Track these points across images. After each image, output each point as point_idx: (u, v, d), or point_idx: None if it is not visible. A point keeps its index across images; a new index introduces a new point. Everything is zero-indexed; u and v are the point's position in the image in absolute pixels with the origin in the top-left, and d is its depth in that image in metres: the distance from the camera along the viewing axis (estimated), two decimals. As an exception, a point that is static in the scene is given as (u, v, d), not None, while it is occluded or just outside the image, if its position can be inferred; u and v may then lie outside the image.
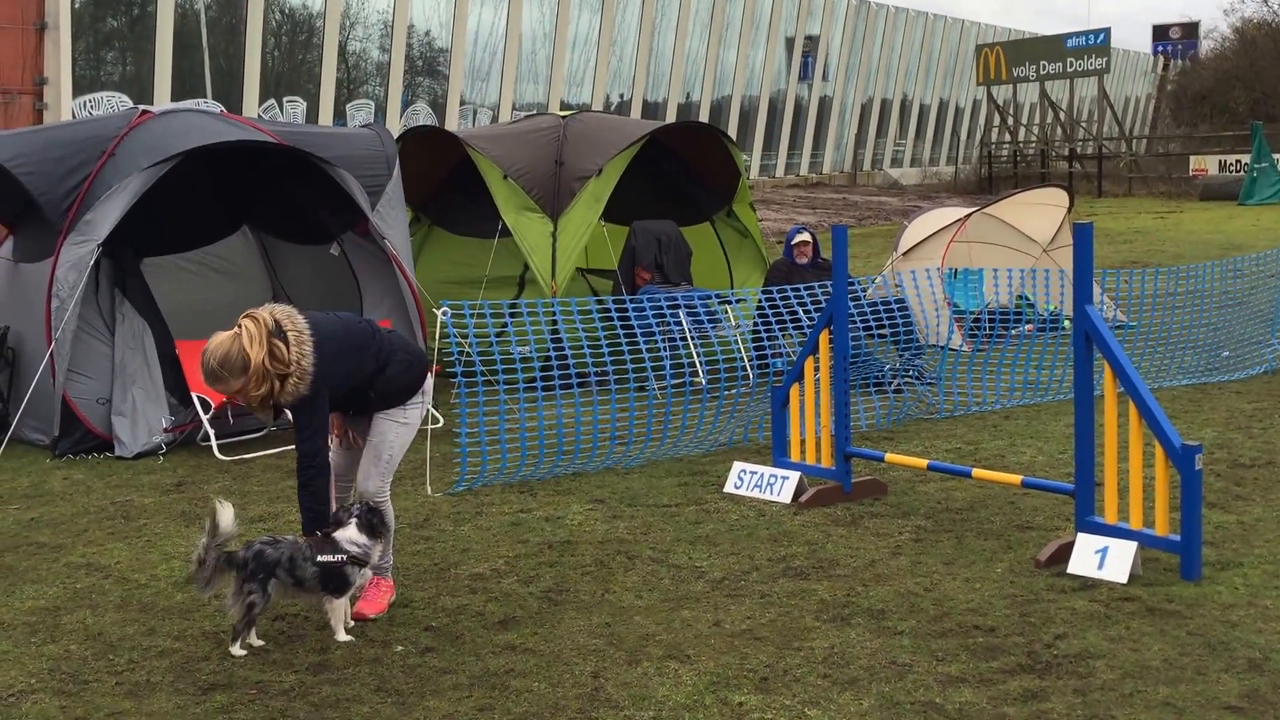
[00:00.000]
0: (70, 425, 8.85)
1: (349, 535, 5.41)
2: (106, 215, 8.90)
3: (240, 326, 5.27)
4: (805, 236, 11.81)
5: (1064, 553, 5.99)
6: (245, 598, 5.24)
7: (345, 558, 5.35)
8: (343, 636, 5.38)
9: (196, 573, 5.25)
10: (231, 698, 4.83)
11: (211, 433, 8.84)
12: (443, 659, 5.15)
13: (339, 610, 5.40)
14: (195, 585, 5.32)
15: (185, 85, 24.75)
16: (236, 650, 5.25)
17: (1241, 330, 11.56)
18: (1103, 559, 5.83)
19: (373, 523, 5.45)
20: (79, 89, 23.21)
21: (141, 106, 10.30)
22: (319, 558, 5.32)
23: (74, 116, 22.07)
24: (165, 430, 8.90)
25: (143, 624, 5.63)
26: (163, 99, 23.66)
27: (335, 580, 5.35)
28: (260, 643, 5.33)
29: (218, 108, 21.90)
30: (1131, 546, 5.82)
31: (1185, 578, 5.75)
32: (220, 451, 8.77)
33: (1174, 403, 9.58)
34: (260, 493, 7.87)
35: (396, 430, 5.66)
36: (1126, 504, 6.02)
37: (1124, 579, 5.73)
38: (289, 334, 5.29)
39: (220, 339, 5.25)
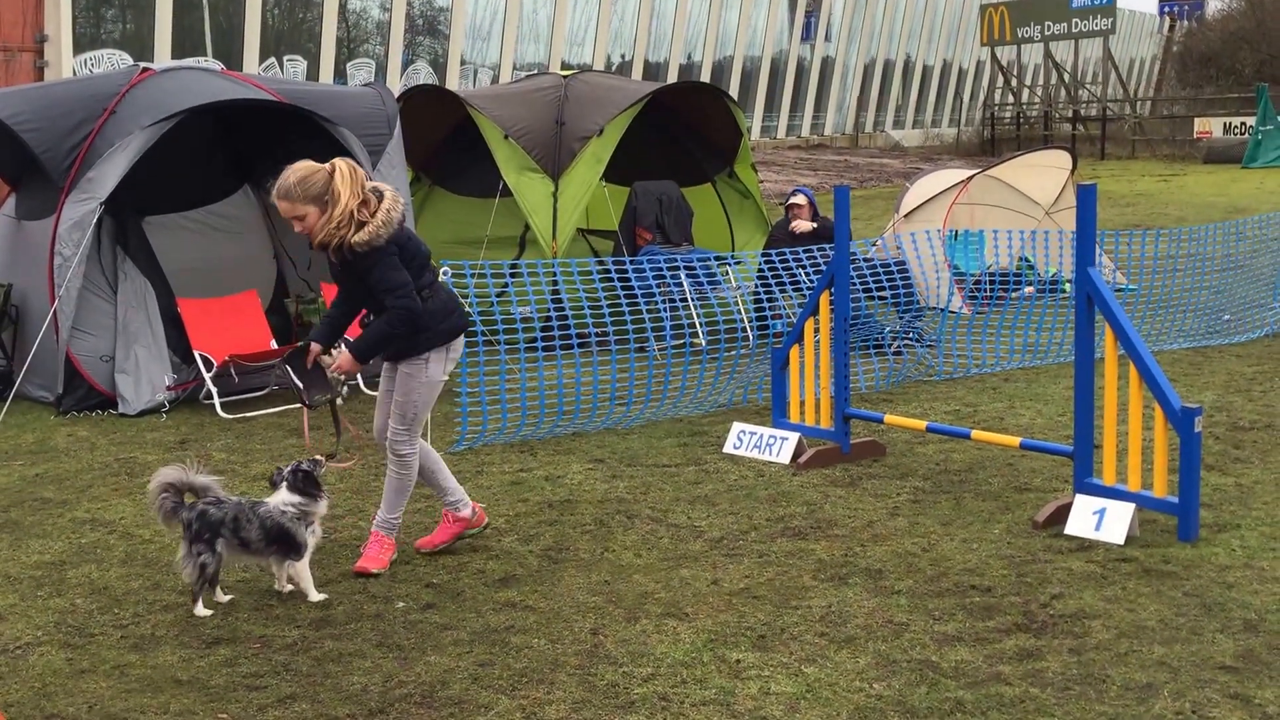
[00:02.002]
0: (74, 383, 8.90)
1: (282, 498, 5.42)
2: (109, 173, 8.90)
3: (334, 165, 5.35)
4: (799, 199, 11.80)
5: (1062, 514, 6.04)
6: (196, 559, 5.26)
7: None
8: (315, 596, 5.40)
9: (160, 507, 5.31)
10: (235, 651, 4.90)
11: (214, 391, 8.88)
12: (444, 615, 5.20)
13: (302, 573, 5.41)
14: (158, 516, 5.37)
15: (185, 43, 24.59)
16: (200, 610, 5.27)
17: (1243, 294, 11.57)
18: (1100, 520, 5.87)
19: (302, 483, 5.45)
20: (79, 47, 23.07)
21: (142, 64, 10.27)
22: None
23: (75, 74, 21.97)
24: (168, 388, 8.95)
25: (147, 579, 5.70)
26: (163, 57, 23.51)
27: (283, 542, 5.35)
28: (228, 597, 5.37)
29: (218, 66, 21.77)
30: (1129, 508, 5.86)
31: (1182, 539, 5.80)
32: (223, 409, 8.81)
33: (1174, 366, 9.60)
34: (263, 450, 7.91)
35: (419, 388, 5.62)
36: (1125, 466, 6.05)
37: (1121, 540, 5.78)
38: (385, 193, 5.41)
39: (308, 165, 5.35)
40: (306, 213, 5.34)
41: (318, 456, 5.63)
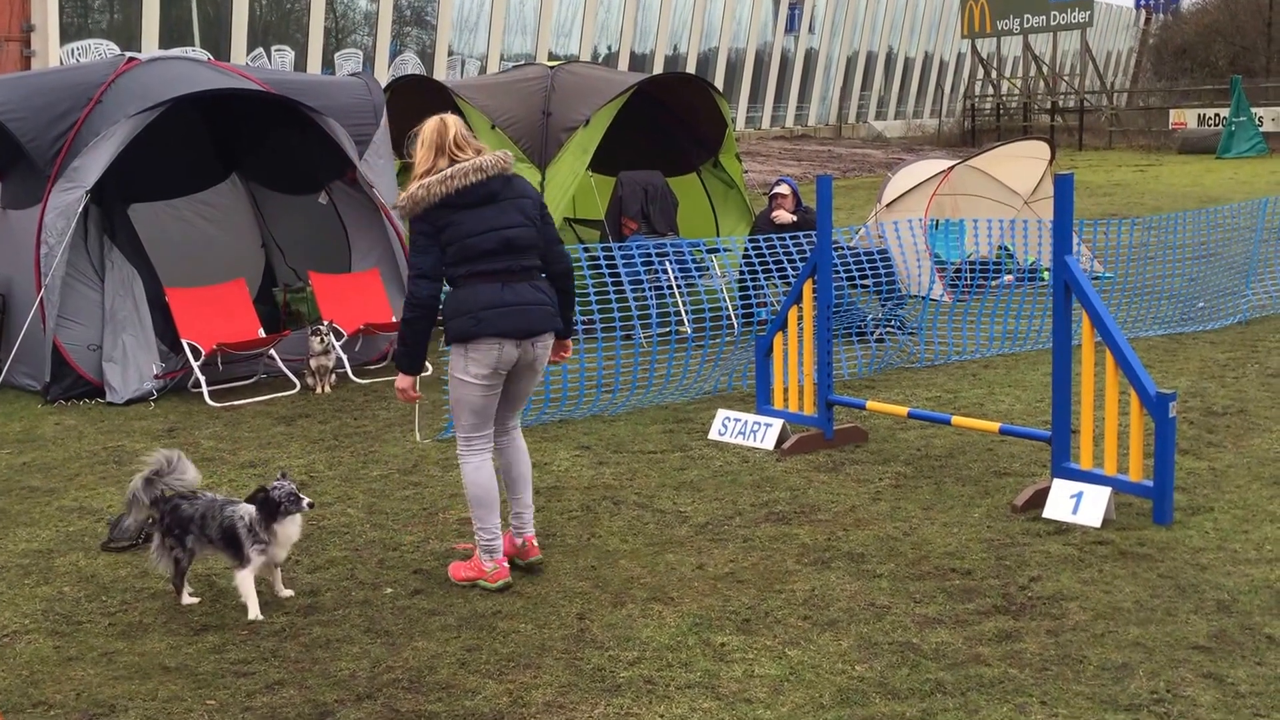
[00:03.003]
0: (61, 371, 8.90)
1: (244, 509, 5.24)
2: (94, 162, 8.90)
3: (425, 122, 5.24)
4: (783, 189, 11.87)
5: (1040, 498, 6.12)
6: (169, 553, 5.27)
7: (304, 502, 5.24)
8: (254, 613, 5.15)
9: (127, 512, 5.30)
10: (223, 638, 4.93)
11: (202, 379, 8.89)
12: (431, 601, 5.25)
13: (244, 584, 5.18)
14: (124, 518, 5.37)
15: (173, 33, 24.53)
16: (185, 600, 5.29)
17: (1216, 281, 11.68)
18: (1077, 504, 5.95)
19: (262, 506, 5.18)
20: (66, 36, 23.00)
21: (129, 54, 10.26)
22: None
23: (61, 64, 21.89)
24: (156, 376, 8.96)
25: (135, 566, 5.71)
26: (150, 47, 23.44)
27: (233, 547, 5.19)
28: (195, 599, 5.30)
29: (205, 56, 21.76)
30: (1105, 492, 5.94)
31: (1157, 522, 5.89)
32: (211, 398, 8.82)
33: (1149, 352, 9.70)
34: (250, 438, 7.94)
35: (450, 381, 5.36)
36: (1101, 450, 6.14)
37: (1098, 523, 5.87)
38: (456, 165, 5.14)
39: (446, 122, 5.24)
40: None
41: (291, 488, 5.26)
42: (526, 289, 5.27)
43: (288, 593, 5.40)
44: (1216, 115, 35.27)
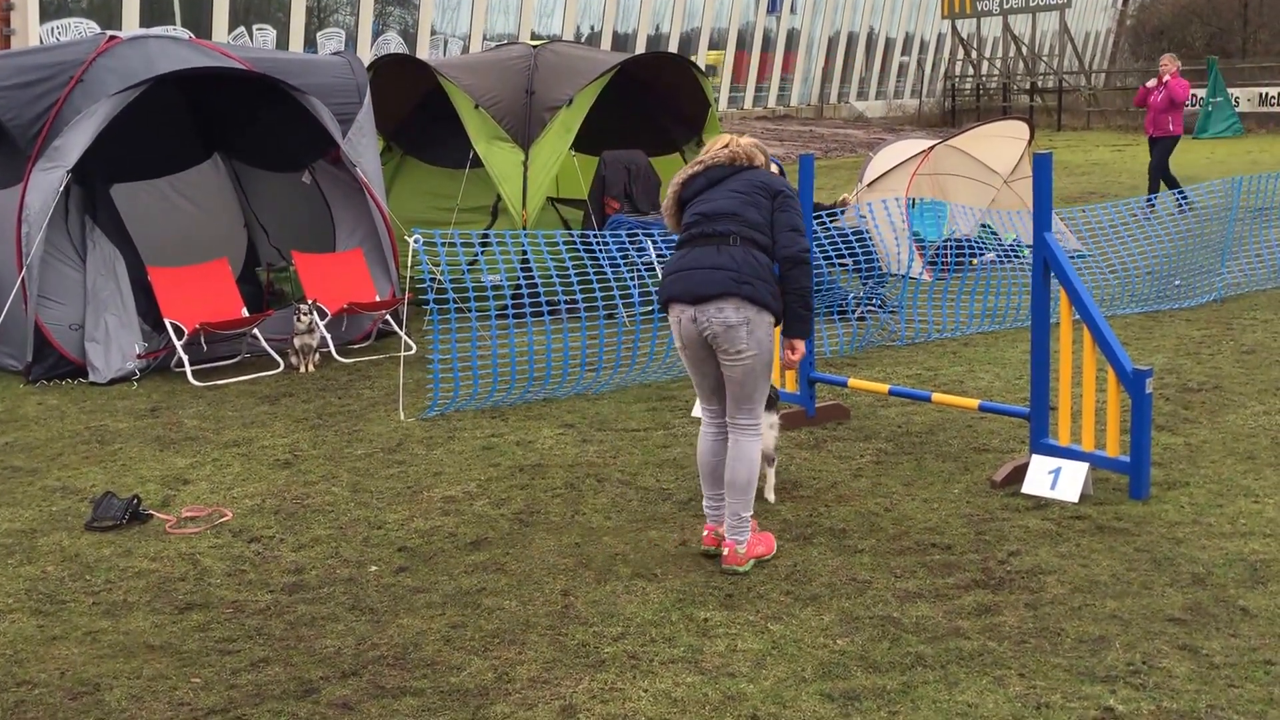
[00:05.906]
0: (44, 351, 8.86)
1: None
2: (75, 141, 8.85)
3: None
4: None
5: (1018, 474, 6.18)
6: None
7: None
8: (771, 497, 6.10)
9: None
10: (208, 616, 4.93)
11: (185, 359, 8.88)
12: (416, 578, 5.27)
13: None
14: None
15: (154, 12, 24.31)
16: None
17: (1192, 260, 11.74)
18: (1055, 479, 6.02)
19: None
20: (46, 15, 22.79)
21: (110, 32, 10.20)
22: None
23: (41, 42, 21.72)
24: (139, 356, 8.94)
25: (119, 545, 5.72)
26: (131, 25, 23.22)
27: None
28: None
29: (187, 35, 21.56)
30: (1083, 467, 6.01)
31: (1134, 497, 5.95)
32: (194, 377, 8.80)
33: (1127, 330, 9.76)
34: (234, 418, 7.94)
35: None
36: (1079, 427, 6.20)
37: (1075, 498, 5.93)
38: (687, 171, 5.41)
39: (721, 138, 5.50)
40: None
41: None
42: (710, 252, 5.12)
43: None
44: (1193, 96, 35.36)
